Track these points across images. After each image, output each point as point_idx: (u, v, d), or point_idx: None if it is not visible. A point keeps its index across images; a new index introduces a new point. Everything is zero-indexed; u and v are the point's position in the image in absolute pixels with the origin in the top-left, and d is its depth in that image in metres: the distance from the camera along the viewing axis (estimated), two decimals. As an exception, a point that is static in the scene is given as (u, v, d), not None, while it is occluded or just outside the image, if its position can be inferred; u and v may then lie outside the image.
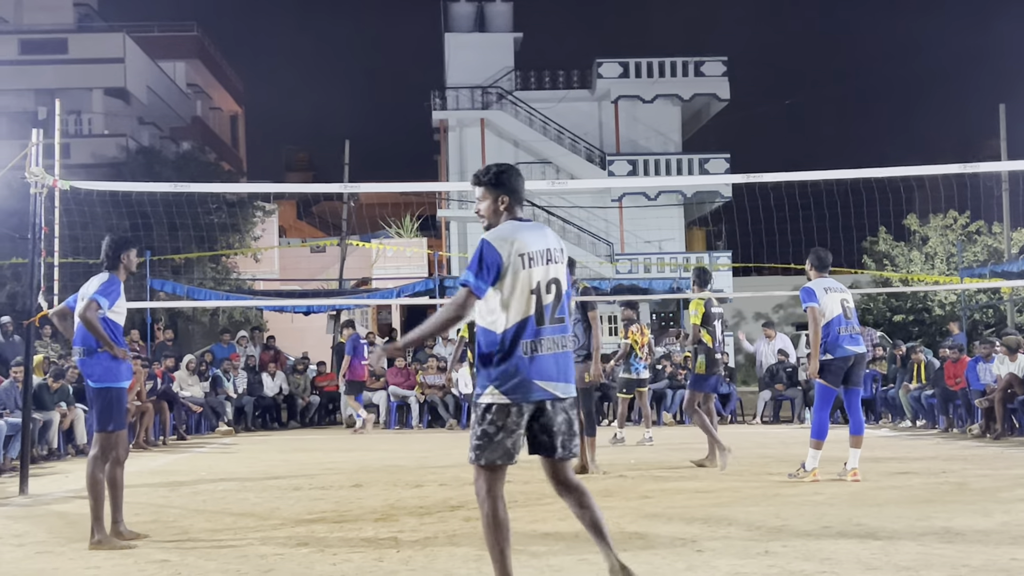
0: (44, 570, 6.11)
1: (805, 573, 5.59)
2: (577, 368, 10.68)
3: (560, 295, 4.80)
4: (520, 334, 4.69)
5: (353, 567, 6.01)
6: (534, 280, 4.73)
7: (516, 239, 4.75)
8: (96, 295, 7.12)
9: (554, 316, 4.77)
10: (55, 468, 12.74)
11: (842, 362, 9.66)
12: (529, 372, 4.68)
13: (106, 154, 36.65)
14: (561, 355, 4.79)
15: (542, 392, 4.72)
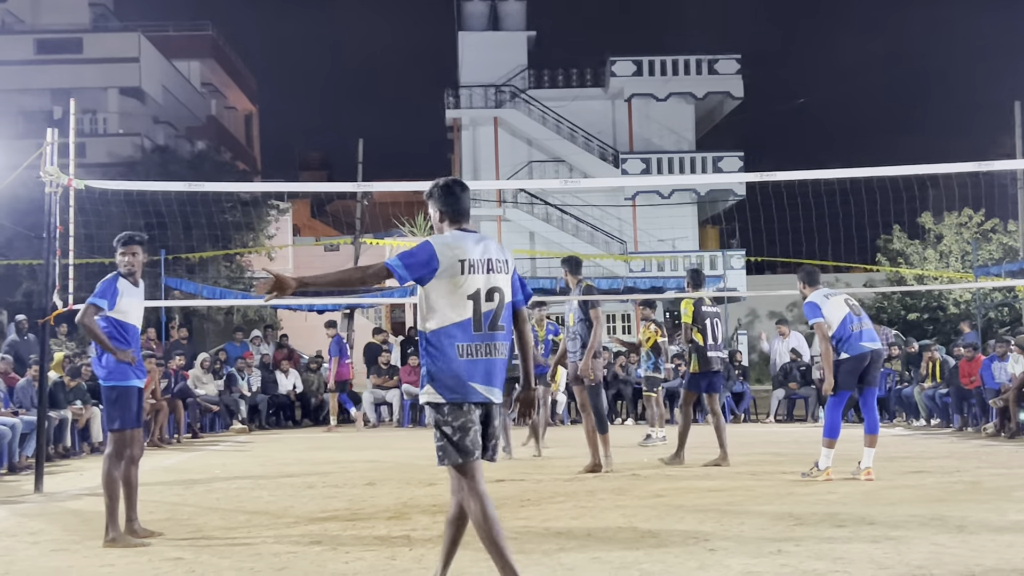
0: (59, 568, 6.14)
1: (817, 572, 5.58)
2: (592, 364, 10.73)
3: (502, 303, 4.95)
4: (456, 337, 4.84)
5: (366, 565, 6.02)
6: (473, 286, 4.88)
7: (458, 246, 4.92)
8: (92, 298, 7.17)
9: (495, 323, 4.92)
10: (70, 466, 12.79)
11: (858, 361, 9.62)
12: (465, 374, 4.83)
13: (121, 153, 36.77)
14: (494, 361, 4.91)
15: (479, 395, 4.85)
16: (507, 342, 5.00)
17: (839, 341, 9.67)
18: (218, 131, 48.12)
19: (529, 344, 5.24)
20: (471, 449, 4.80)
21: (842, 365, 9.69)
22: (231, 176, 33.13)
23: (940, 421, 17.49)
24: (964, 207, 31.36)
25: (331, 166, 59.34)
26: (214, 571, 5.95)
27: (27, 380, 13.44)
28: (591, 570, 5.75)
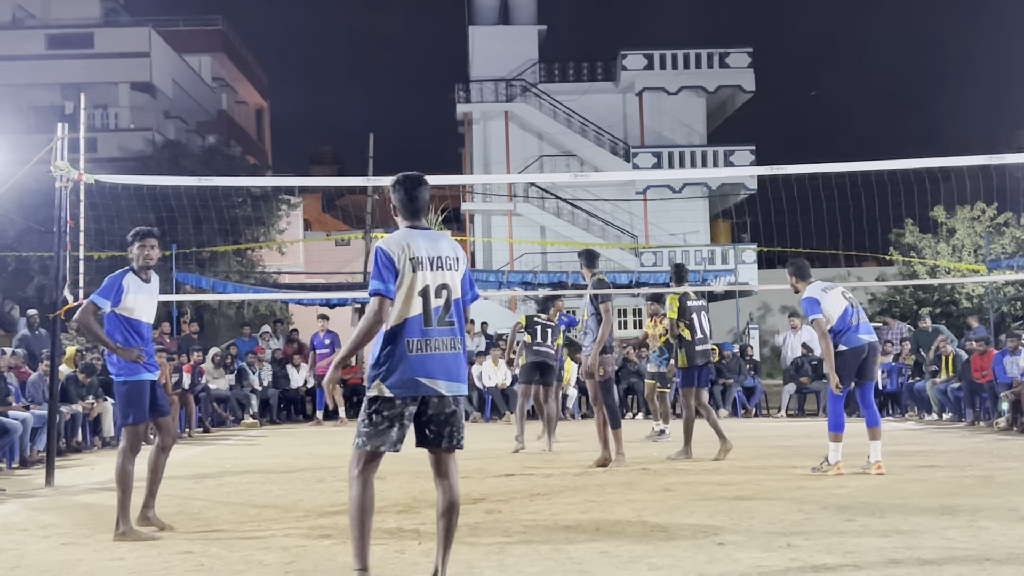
0: (69, 561, 6.15)
1: (827, 567, 5.56)
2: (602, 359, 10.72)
3: (450, 300, 5.13)
4: (406, 333, 5.02)
5: (375, 559, 6.01)
6: (422, 283, 5.06)
7: (407, 244, 5.10)
8: (92, 296, 7.20)
9: (443, 319, 5.10)
10: (81, 460, 12.83)
11: (856, 353, 9.61)
12: (414, 370, 5.00)
13: (132, 148, 36.84)
14: (449, 355, 5.09)
15: (425, 389, 5.03)
16: (458, 336, 5.15)
17: (837, 334, 9.66)
18: (229, 125, 48.16)
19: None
20: (394, 441, 5.04)
21: (840, 357, 9.67)
22: (242, 171, 33.18)
23: (952, 415, 17.44)
24: (977, 201, 31.22)
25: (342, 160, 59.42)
26: (224, 564, 5.96)
27: (39, 375, 13.48)
28: (600, 564, 5.74)
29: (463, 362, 5.18)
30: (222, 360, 19.10)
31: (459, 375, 5.13)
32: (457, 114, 41.03)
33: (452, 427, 5.11)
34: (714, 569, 5.55)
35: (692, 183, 37.78)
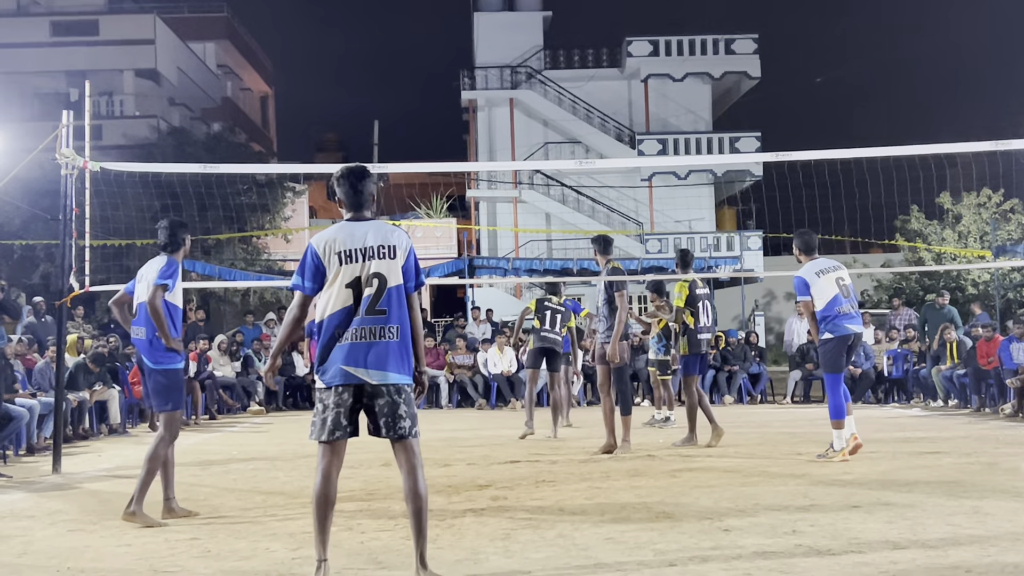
0: (76, 547, 6.18)
1: (832, 552, 5.57)
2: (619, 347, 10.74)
3: (383, 289, 5.15)
4: (335, 323, 5.13)
5: (381, 545, 6.05)
6: (350, 275, 5.15)
7: (335, 239, 5.21)
8: (161, 279, 7.27)
9: (373, 308, 5.13)
10: (88, 447, 12.86)
11: (842, 342, 9.65)
12: (339, 358, 5.09)
13: (137, 135, 36.84)
14: (380, 344, 5.11)
15: (351, 377, 5.08)
16: (394, 325, 5.16)
17: (824, 320, 9.70)
18: (234, 113, 48.13)
19: (418, 328, 5.34)
20: (332, 429, 5.08)
21: (826, 345, 9.71)
22: (247, 158, 33.15)
23: (958, 402, 17.43)
24: (983, 187, 31.16)
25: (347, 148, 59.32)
26: (230, 551, 5.98)
27: (45, 362, 13.52)
28: (605, 549, 5.75)
29: (397, 351, 5.13)
30: (228, 348, 19.13)
31: (390, 364, 5.10)
32: (462, 101, 40.95)
33: (390, 417, 5.09)
34: (719, 555, 5.56)
35: (697, 170, 37.70)
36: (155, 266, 7.38)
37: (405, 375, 5.17)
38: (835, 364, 9.68)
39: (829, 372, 9.77)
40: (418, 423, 5.20)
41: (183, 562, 5.69)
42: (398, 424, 5.11)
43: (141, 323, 7.35)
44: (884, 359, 19.76)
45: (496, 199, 39.12)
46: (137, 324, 7.41)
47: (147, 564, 5.64)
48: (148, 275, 7.37)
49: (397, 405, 5.11)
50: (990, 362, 16.28)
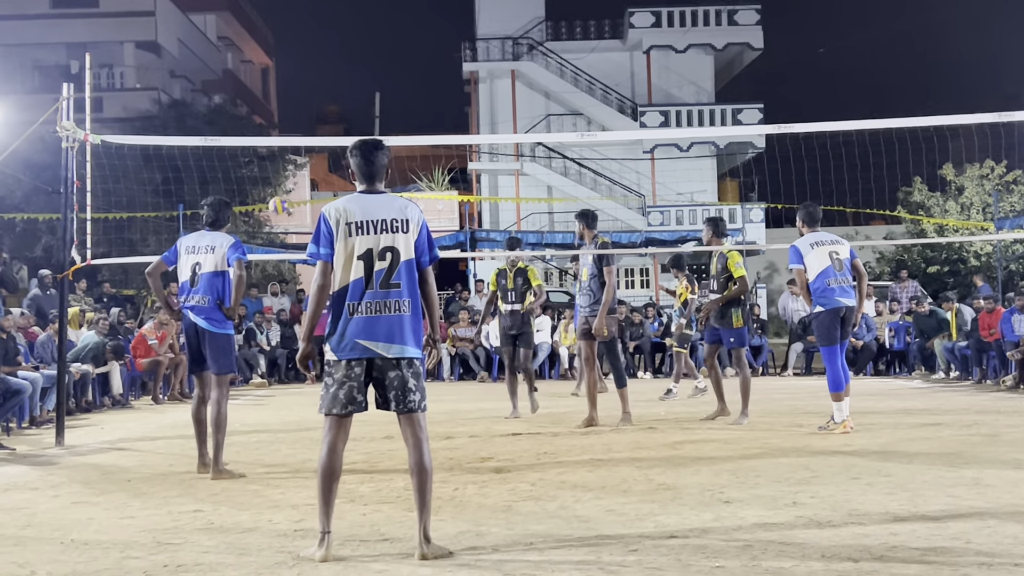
0: (80, 520, 6.20)
1: (832, 524, 5.59)
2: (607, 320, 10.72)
3: (396, 262, 5.16)
4: (346, 296, 5.13)
5: (383, 517, 6.07)
6: (362, 247, 5.15)
7: (346, 209, 5.22)
8: (242, 255, 7.96)
9: (387, 281, 5.15)
10: (90, 420, 12.90)
11: (833, 314, 9.67)
12: (354, 332, 5.10)
13: (138, 107, 36.69)
14: (393, 318, 5.14)
15: (365, 351, 5.11)
16: (406, 299, 5.19)
17: (815, 292, 9.77)
18: (235, 85, 47.96)
19: (433, 300, 5.38)
20: (346, 403, 5.11)
21: (819, 318, 9.75)
22: (248, 130, 33.06)
23: (959, 374, 17.46)
24: (986, 159, 31.07)
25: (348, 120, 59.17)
26: (233, 523, 6.01)
27: (47, 335, 13.54)
28: (606, 522, 5.78)
29: (409, 324, 5.16)
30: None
31: (403, 337, 5.14)
32: (464, 73, 40.81)
33: (399, 390, 5.12)
34: (719, 526, 5.59)
35: (700, 142, 37.60)
36: (223, 242, 7.97)
37: (417, 348, 5.20)
38: (829, 336, 9.72)
39: (824, 345, 9.81)
40: (426, 397, 5.23)
41: (186, 534, 5.71)
42: (408, 398, 5.14)
43: (203, 291, 7.90)
44: (886, 331, 19.78)
45: (498, 171, 39.06)
46: (198, 292, 7.92)
47: (151, 536, 5.67)
48: (218, 249, 7.94)
49: (407, 379, 5.14)
50: (992, 334, 16.30)
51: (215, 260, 7.93)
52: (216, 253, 7.94)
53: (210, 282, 7.91)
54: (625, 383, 10.93)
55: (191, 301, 7.96)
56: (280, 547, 5.34)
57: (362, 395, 5.15)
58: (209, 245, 8.01)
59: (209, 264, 7.93)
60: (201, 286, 7.92)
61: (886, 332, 19.72)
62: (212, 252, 7.96)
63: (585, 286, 10.81)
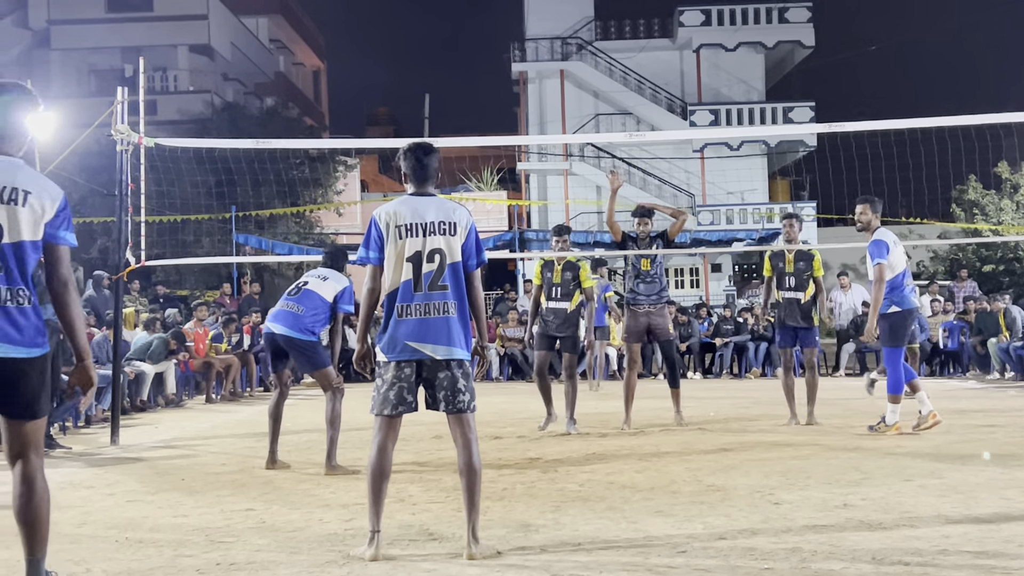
0: (135, 518, 6.30)
1: (883, 526, 5.55)
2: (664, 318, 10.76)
3: (443, 265, 5.21)
4: (397, 298, 5.19)
5: (432, 517, 6.11)
6: (411, 249, 5.20)
7: (396, 212, 5.26)
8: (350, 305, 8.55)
9: (435, 283, 5.19)
10: (144, 419, 13.07)
11: (907, 315, 9.51)
12: (404, 334, 5.16)
13: (192, 110, 37.15)
14: (439, 319, 5.18)
15: (416, 353, 5.16)
16: (453, 301, 5.22)
17: (892, 290, 9.50)
18: (286, 87, 48.34)
19: (480, 305, 5.40)
20: (396, 404, 5.16)
21: (893, 318, 9.52)
22: (299, 132, 33.35)
23: (1014, 374, 17.21)
24: (1043, 156, 30.59)
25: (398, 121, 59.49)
26: (284, 522, 6.07)
27: (103, 335, 13.72)
28: (655, 523, 5.77)
29: (457, 326, 5.20)
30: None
31: (452, 339, 5.17)
32: (512, 73, 40.87)
33: (449, 391, 5.16)
34: (769, 528, 5.56)
35: (750, 141, 37.36)
36: (340, 281, 8.51)
37: (465, 350, 5.24)
38: (899, 336, 9.50)
39: (891, 345, 9.54)
40: (475, 398, 5.26)
41: (238, 533, 5.78)
42: (458, 398, 5.18)
43: (300, 302, 8.31)
44: (940, 331, 19.55)
45: (547, 171, 39.05)
46: (297, 302, 8.32)
47: (203, 535, 5.74)
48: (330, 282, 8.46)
49: (457, 379, 5.18)
50: (1048, 334, 16.07)
51: (324, 287, 8.38)
52: (327, 284, 8.41)
53: (311, 298, 8.32)
54: (678, 383, 10.94)
55: (287, 307, 8.34)
56: (330, 546, 5.39)
57: (412, 396, 5.19)
58: (323, 276, 8.50)
59: (316, 286, 8.38)
60: (301, 297, 8.34)
61: (940, 332, 19.49)
62: (324, 281, 8.44)
63: (649, 274, 10.77)
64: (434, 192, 5.45)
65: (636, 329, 10.85)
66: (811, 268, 10.81)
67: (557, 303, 10.70)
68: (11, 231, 4.18)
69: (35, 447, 4.27)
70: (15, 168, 4.27)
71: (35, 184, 4.27)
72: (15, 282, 4.18)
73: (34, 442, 4.27)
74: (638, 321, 10.83)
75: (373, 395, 5.23)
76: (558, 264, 10.81)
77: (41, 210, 4.24)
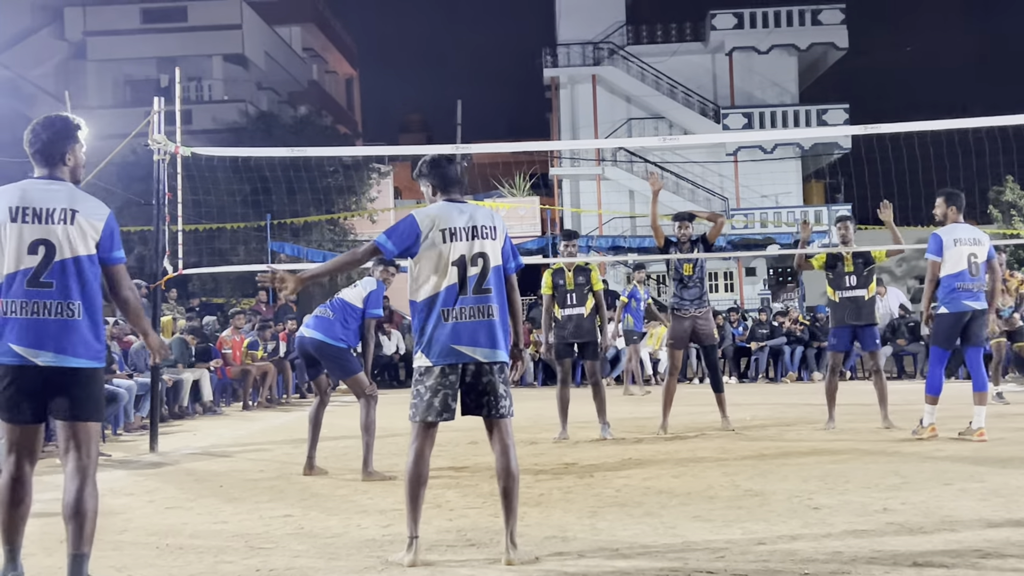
0: (174, 525, 6.35)
1: (924, 530, 5.50)
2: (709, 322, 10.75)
3: (487, 268, 5.23)
4: (440, 302, 5.18)
5: (469, 522, 6.11)
6: (456, 253, 5.19)
7: (440, 216, 5.25)
8: (378, 310, 8.57)
9: (480, 287, 5.21)
10: (183, 426, 13.17)
11: (956, 318, 9.30)
12: (449, 337, 5.14)
13: (226, 119, 37.41)
14: (485, 322, 5.20)
15: (462, 356, 5.15)
16: (496, 304, 5.24)
17: (941, 292, 9.38)
18: (320, 95, 48.61)
19: (518, 308, 5.45)
20: (440, 411, 5.17)
21: (940, 320, 9.41)
22: (333, 140, 33.50)
23: (1055, 377, 17.02)
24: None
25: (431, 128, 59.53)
26: (322, 527, 6.10)
27: (141, 343, 13.84)
28: (693, 528, 5.75)
29: (499, 329, 5.23)
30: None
31: (496, 341, 5.20)
32: (544, 79, 40.86)
33: (491, 395, 5.18)
34: (809, 533, 5.53)
35: (784, 143, 37.14)
36: (368, 285, 8.52)
37: (507, 353, 5.27)
38: (946, 339, 9.39)
39: (936, 345, 9.48)
40: (514, 403, 5.27)
41: (277, 539, 5.81)
42: (499, 404, 5.20)
43: (333, 309, 8.45)
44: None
45: (579, 176, 39.00)
46: (330, 308, 8.48)
47: (243, 541, 5.78)
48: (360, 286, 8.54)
49: (498, 385, 5.20)
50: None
51: (352, 293, 8.51)
52: (355, 289, 8.55)
53: (342, 304, 8.45)
54: (722, 388, 10.91)
55: (320, 312, 8.51)
56: (369, 552, 5.41)
57: (455, 402, 5.20)
58: (353, 283, 8.74)
59: (346, 293, 8.54)
60: (333, 303, 8.50)
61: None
62: (354, 287, 8.59)
63: (692, 279, 10.77)
64: (464, 199, 5.48)
65: (681, 334, 10.84)
66: (872, 261, 10.77)
67: (572, 309, 10.67)
68: (65, 249, 4.55)
69: (85, 449, 4.54)
70: (66, 191, 4.65)
71: (83, 204, 4.64)
72: (69, 296, 4.55)
73: (83, 444, 4.54)
74: (683, 326, 10.81)
75: (414, 401, 5.22)
76: (568, 270, 10.77)
77: (90, 227, 4.61)
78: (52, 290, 4.52)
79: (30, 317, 4.50)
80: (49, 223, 4.53)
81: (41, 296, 4.51)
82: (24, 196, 4.58)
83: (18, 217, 4.52)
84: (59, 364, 4.48)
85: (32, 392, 4.49)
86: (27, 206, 4.55)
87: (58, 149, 4.68)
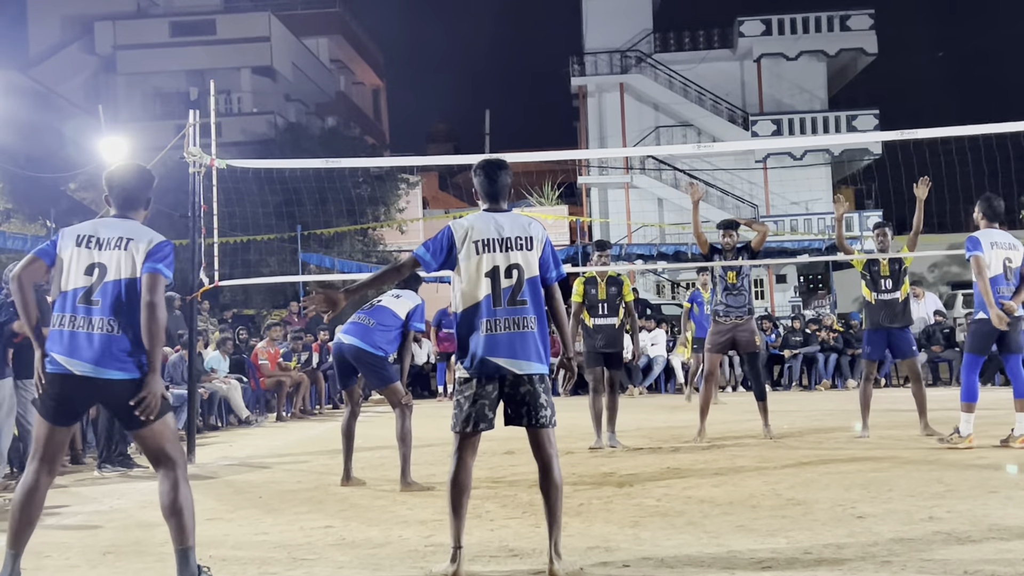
0: (215, 536, 6.35)
1: (972, 539, 5.44)
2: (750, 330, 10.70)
3: (522, 279, 5.20)
4: (476, 314, 5.18)
5: (511, 533, 6.09)
6: (489, 264, 5.19)
7: (474, 227, 5.25)
8: (420, 323, 8.66)
9: (514, 298, 5.18)
10: (218, 438, 13.21)
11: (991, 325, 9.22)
12: (485, 349, 5.13)
13: (255, 131, 37.61)
14: (520, 334, 5.17)
15: (496, 368, 5.14)
16: (533, 316, 5.21)
17: (978, 297, 9.27)
18: (347, 107, 48.78)
19: (562, 317, 5.42)
20: (478, 421, 5.14)
21: (978, 325, 9.29)
22: (361, 151, 33.59)
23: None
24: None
25: (458, 138, 59.70)
26: (364, 538, 6.09)
27: (178, 355, 13.91)
28: (737, 537, 5.71)
29: (537, 340, 5.19)
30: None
31: (531, 354, 5.17)
32: (572, 87, 40.87)
33: (529, 405, 5.15)
34: (854, 542, 5.47)
35: (813, 150, 37.01)
36: (408, 297, 8.61)
37: (545, 364, 5.24)
38: (981, 346, 9.25)
39: (971, 352, 9.34)
40: (556, 412, 5.23)
41: (319, 550, 5.81)
42: (540, 413, 5.17)
43: (374, 317, 8.45)
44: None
45: (608, 185, 38.98)
46: (370, 315, 8.48)
47: (285, 552, 5.78)
48: (403, 298, 8.59)
49: (539, 394, 5.17)
50: None
51: (396, 304, 8.55)
52: (400, 301, 8.57)
53: (383, 312, 8.46)
54: (764, 396, 10.83)
55: (359, 319, 8.49)
56: (412, 563, 5.39)
57: (493, 412, 5.18)
58: (396, 294, 8.68)
59: (389, 302, 8.57)
60: (374, 311, 8.51)
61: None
62: (397, 298, 8.61)
63: (736, 287, 10.75)
64: (507, 208, 5.45)
65: (721, 341, 10.82)
66: (903, 263, 10.85)
67: (604, 319, 10.69)
68: (115, 271, 4.95)
69: (160, 450, 5.00)
70: (131, 225, 5.16)
71: (138, 233, 5.09)
72: (111, 313, 4.89)
73: (155, 446, 4.99)
74: (723, 334, 10.79)
75: (454, 411, 5.21)
76: (601, 280, 10.77)
77: (137, 251, 4.99)
78: (98, 307, 4.90)
79: (75, 330, 4.88)
80: (106, 249, 4.98)
81: (89, 312, 4.89)
82: (95, 228, 5.10)
83: (82, 243, 5.02)
84: (96, 376, 4.84)
85: (70, 398, 4.91)
86: (92, 235, 5.04)
87: (142, 196, 5.33)
